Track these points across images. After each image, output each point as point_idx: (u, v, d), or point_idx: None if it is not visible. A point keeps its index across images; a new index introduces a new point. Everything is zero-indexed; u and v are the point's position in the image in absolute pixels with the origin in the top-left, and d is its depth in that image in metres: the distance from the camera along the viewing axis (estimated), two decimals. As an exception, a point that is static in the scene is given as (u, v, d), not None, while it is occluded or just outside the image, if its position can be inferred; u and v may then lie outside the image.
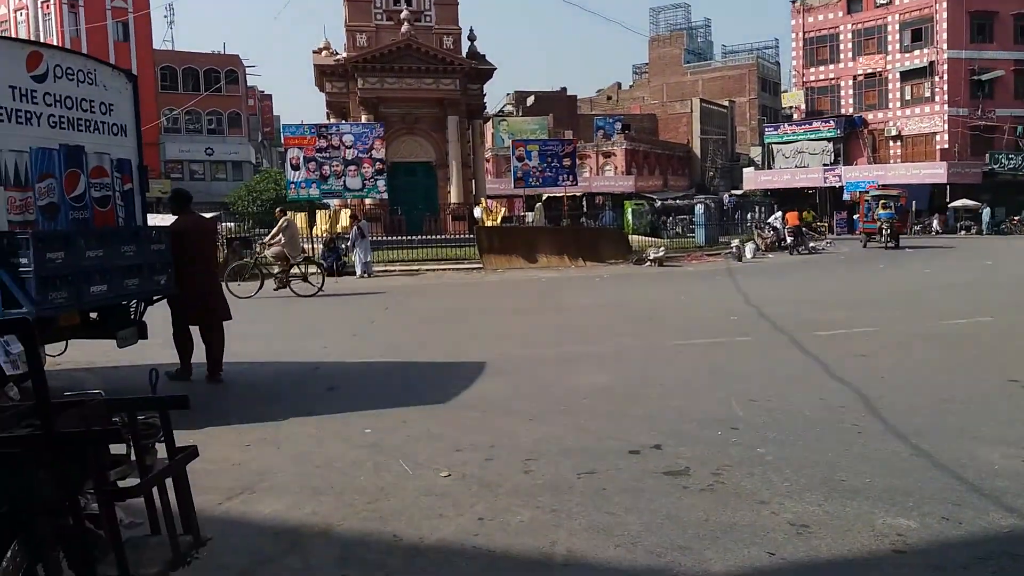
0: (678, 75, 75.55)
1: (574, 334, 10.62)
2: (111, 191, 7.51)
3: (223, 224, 25.18)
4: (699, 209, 30.00)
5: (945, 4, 41.48)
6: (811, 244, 28.39)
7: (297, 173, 22.41)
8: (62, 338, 7.64)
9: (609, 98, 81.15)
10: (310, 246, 23.17)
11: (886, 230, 27.64)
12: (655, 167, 56.94)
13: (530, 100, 64.85)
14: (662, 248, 24.05)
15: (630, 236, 27.97)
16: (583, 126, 61.19)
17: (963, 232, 38.83)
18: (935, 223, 32.25)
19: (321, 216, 28.34)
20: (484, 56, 33.93)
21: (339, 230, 25.76)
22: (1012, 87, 42.33)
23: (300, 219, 28.03)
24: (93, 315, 7.37)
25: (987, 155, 41.20)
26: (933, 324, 10.56)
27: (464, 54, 32.68)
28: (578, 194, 46.94)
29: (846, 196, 42.37)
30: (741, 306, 13.00)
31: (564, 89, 69.40)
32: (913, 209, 39.93)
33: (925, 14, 42.77)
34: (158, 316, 7.90)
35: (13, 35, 47.17)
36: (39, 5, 46.26)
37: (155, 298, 7.70)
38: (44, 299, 5.94)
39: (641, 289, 16.85)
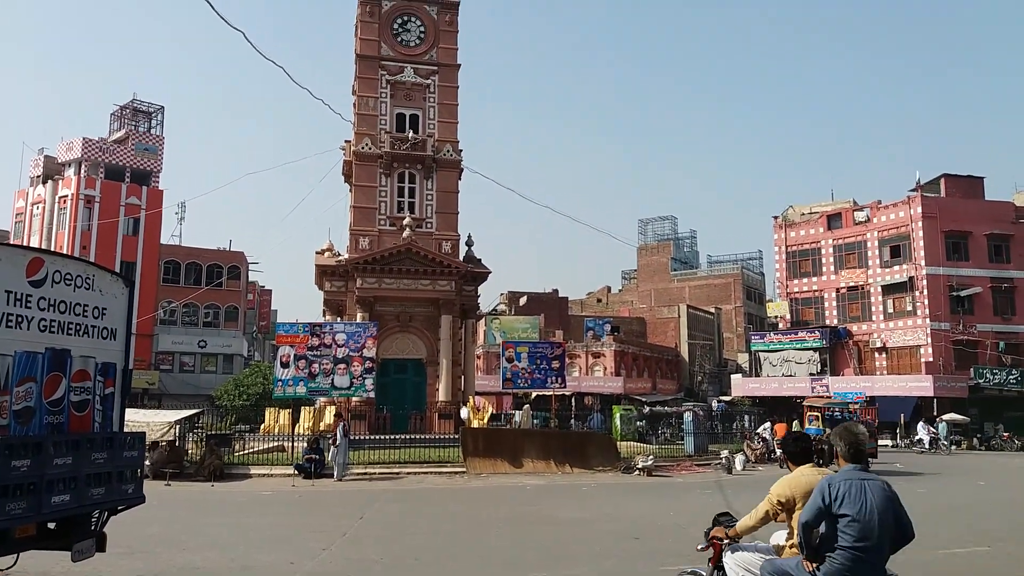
0: (666, 282, 78.21)
1: (554, 554, 10.14)
2: (91, 395, 7.45)
3: (204, 419, 24.88)
4: (688, 416, 29.82)
5: (921, 224, 43.83)
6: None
7: (286, 371, 22.46)
8: (14, 550, 7.26)
9: (599, 300, 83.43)
10: (292, 444, 22.79)
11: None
12: (644, 369, 57.35)
13: (522, 300, 66.57)
14: (651, 456, 23.61)
15: (618, 442, 27.59)
16: (573, 327, 62.36)
17: (953, 447, 38.42)
18: (925, 437, 31.65)
19: (305, 413, 28.06)
20: (480, 260, 35.22)
21: (322, 428, 25.39)
22: (990, 303, 43.72)
23: (284, 416, 27.86)
24: (51, 525, 7.05)
25: (972, 369, 41.74)
26: (926, 555, 10.15)
27: (461, 258, 33.94)
28: (567, 393, 46.88)
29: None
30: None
31: (556, 291, 71.56)
32: (901, 422, 39.82)
33: (902, 232, 45.07)
34: (121, 523, 7.56)
35: (28, 226, 49.14)
36: (56, 200, 48.57)
37: (119, 508, 7.40)
38: (0, 511, 5.71)
39: (629, 502, 16.35)
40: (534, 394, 43.09)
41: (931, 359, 42.16)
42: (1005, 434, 37.25)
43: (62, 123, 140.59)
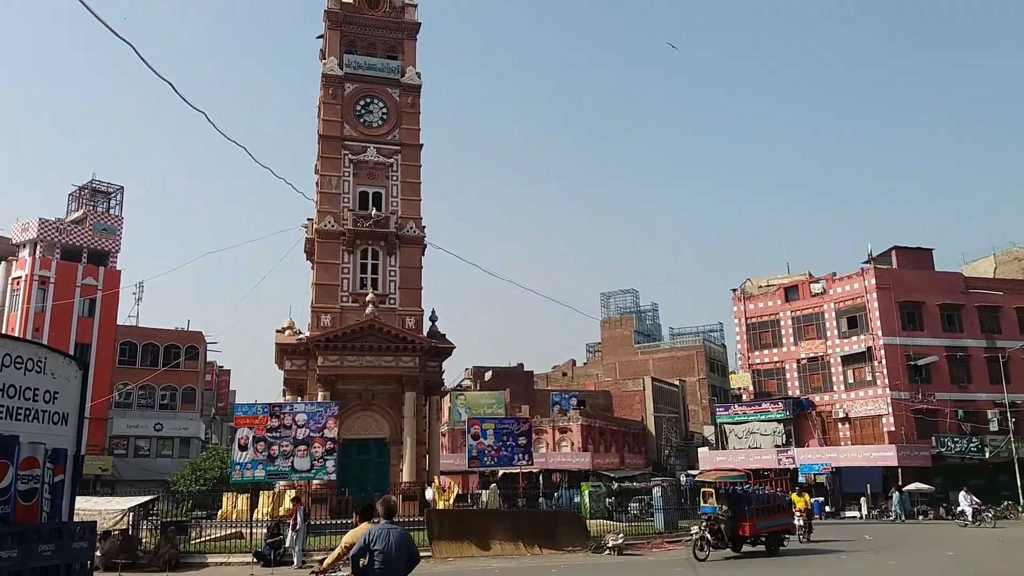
0: (630, 354, 78.53)
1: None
2: (40, 483, 7.14)
3: (160, 505, 23.92)
4: (657, 492, 29.51)
5: (875, 295, 44.85)
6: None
7: (244, 454, 21.77)
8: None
9: (564, 374, 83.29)
10: (250, 531, 21.95)
11: (702, 533, 19.95)
12: (611, 444, 56.93)
13: (487, 375, 66.23)
14: (621, 535, 23.17)
15: (588, 520, 27.10)
16: (539, 401, 61.96)
17: (920, 517, 38.44)
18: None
19: (264, 498, 27.15)
20: (444, 335, 35.02)
21: (282, 513, 24.55)
22: (947, 372, 44.48)
23: (242, 501, 26.90)
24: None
25: (933, 438, 42.15)
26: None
27: (425, 333, 33.72)
28: (534, 471, 46.16)
29: (801, 478, 42.31)
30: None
31: (521, 365, 71.28)
32: (868, 492, 39.83)
33: (858, 303, 46.02)
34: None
35: (-23, 308, 47.82)
36: (9, 282, 47.48)
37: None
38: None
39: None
40: (501, 472, 42.40)
41: (893, 428, 42.55)
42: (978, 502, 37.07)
43: (19, 204, 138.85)
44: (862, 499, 38.49)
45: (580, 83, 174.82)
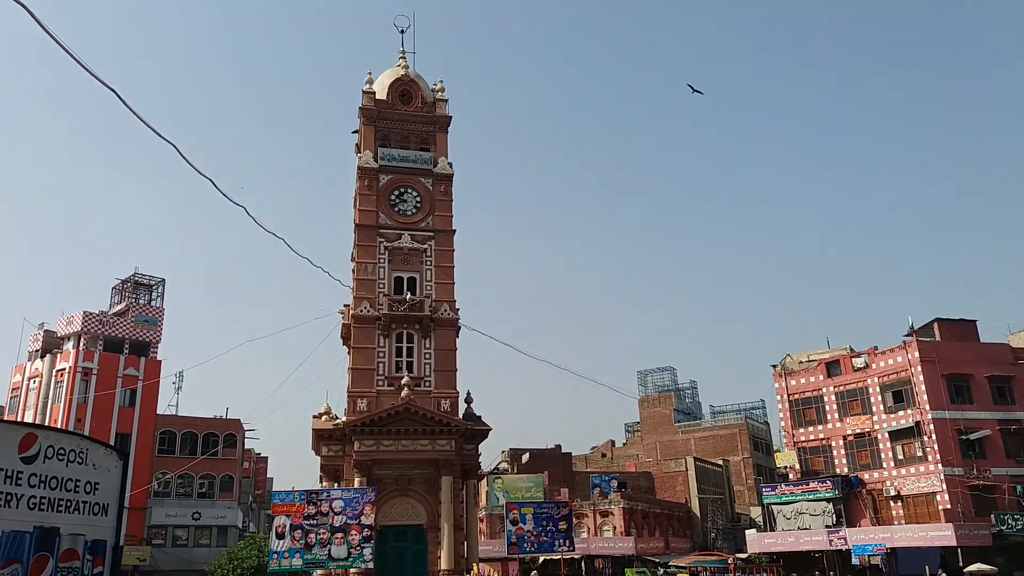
0: (670, 434, 77.05)
1: None
2: (79, 575, 7.15)
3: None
4: (703, 576, 28.46)
5: (920, 368, 43.70)
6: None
7: (282, 542, 21.63)
8: None
9: (604, 455, 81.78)
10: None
11: None
12: (655, 527, 55.28)
13: (525, 457, 65.23)
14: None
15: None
16: (579, 483, 60.70)
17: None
18: None
19: (302, 587, 26.71)
20: (480, 417, 34.81)
21: (321, 603, 24.15)
22: (1001, 446, 42.83)
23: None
24: None
25: (992, 515, 40.27)
26: None
27: (461, 415, 33.57)
28: (576, 556, 44.87)
29: (855, 560, 40.53)
30: None
31: (559, 446, 70.17)
32: (927, 574, 37.95)
33: (903, 377, 44.87)
34: None
35: (23, 400, 48.84)
36: (54, 374, 48.57)
37: None
38: None
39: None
40: (541, 558, 41.33)
41: (949, 506, 40.78)
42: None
43: (63, 298, 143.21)
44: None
45: (610, 162, 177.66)
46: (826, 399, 48.37)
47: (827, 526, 44.54)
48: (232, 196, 12.88)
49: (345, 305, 36.55)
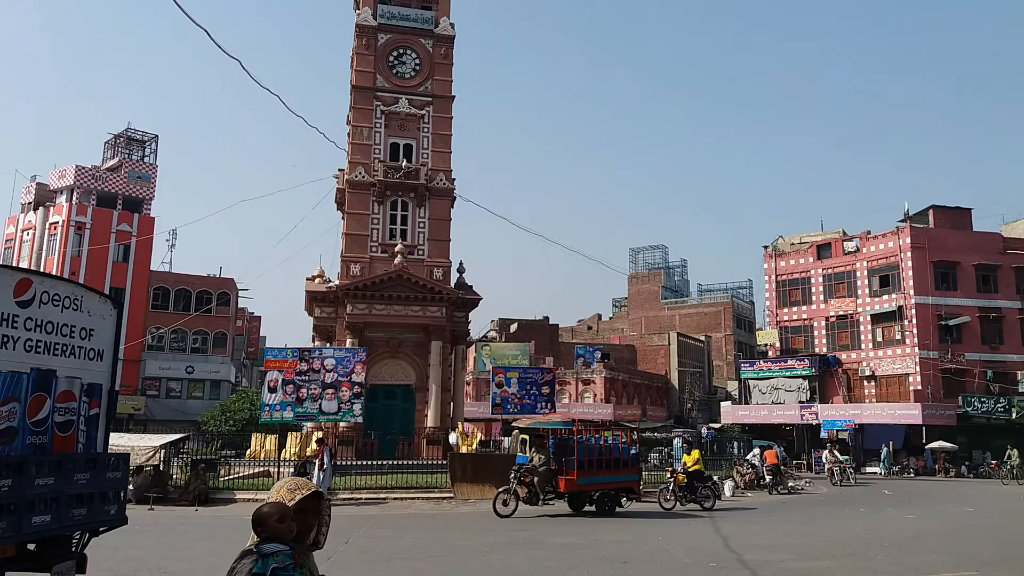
0: (656, 310, 78.44)
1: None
2: (76, 415, 7.44)
3: (190, 444, 24.75)
4: (677, 443, 29.82)
5: (910, 254, 44.20)
6: (790, 484, 27.92)
7: (273, 396, 22.38)
8: (-8, 571, 7.20)
9: (590, 328, 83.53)
10: (278, 470, 22.68)
11: (512, 486, 17.53)
12: (634, 396, 57.31)
13: (513, 327, 66.59)
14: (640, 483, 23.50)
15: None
16: (564, 354, 62.36)
17: (941, 474, 38.48)
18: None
19: (292, 439, 27.94)
20: (471, 287, 35.29)
21: (309, 453, 25.31)
22: (978, 332, 43.98)
23: (270, 442, 27.72)
24: (31, 546, 7.01)
25: (960, 398, 41.88)
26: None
27: (453, 284, 34.01)
28: (596, 421, 46.69)
29: (823, 434, 42.43)
30: (721, 550, 12.61)
31: (547, 318, 71.54)
32: (891, 448, 39.87)
33: (891, 262, 45.44)
34: (103, 546, 7.52)
35: (17, 252, 49.03)
36: (47, 227, 48.52)
37: (101, 529, 7.37)
38: (-20, 531, 5.70)
39: (616, 528, 16.29)
40: (526, 421, 42.84)
41: (920, 387, 42.31)
42: (992, 462, 37.25)
43: (56, 152, 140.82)
44: (883, 453, 38.61)
45: (615, 35, 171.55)
46: (813, 281, 49.09)
47: (800, 402, 46.32)
48: (223, 45, 12.44)
49: (340, 170, 36.19)
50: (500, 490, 17.56)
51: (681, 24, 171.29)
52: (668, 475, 21.37)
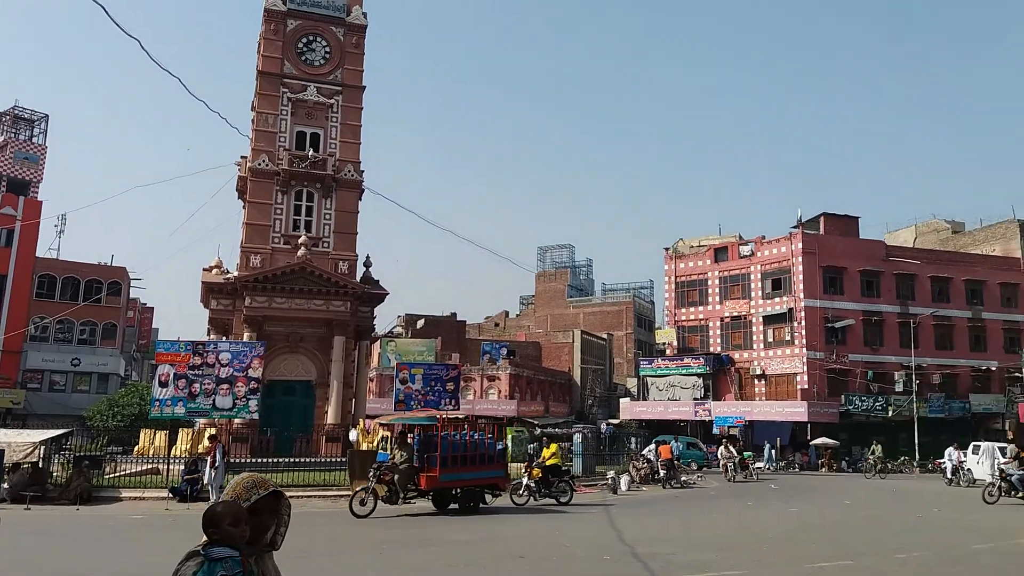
0: (562, 308, 79.54)
1: None
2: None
3: (74, 440, 23.53)
4: (577, 438, 30.35)
5: (801, 259, 46.41)
6: (683, 478, 28.87)
7: (164, 390, 21.51)
8: None
9: (496, 325, 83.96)
10: (167, 467, 21.86)
11: (371, 484, 16.82)
12: (537, 393, 57.95)
13: (420, 323, 66.21)
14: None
15: (509, 464, 27.69)
16: (471, 350, 62.42)
17: (824, 469, 40.57)
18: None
19: (183, 435, 26.94)
20: (378, 281, 34.81)
21: (201, 450, 24.48)
22: (861, 335, 46.62)
23: (160, 438, 26.65)
24: None
25: (843, 396, 44.29)
26: (797, 569, 10.74)
27: (359, 279, 33.46)
28: (460, 416, 46.66)
29: (716, 430, 44.08)
30: (615, 544, 12.90)
31: (454, 314, 71.44)
32: (778, 445, 41.77)
33: (783, 266, 47.59)
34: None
35: None
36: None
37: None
38: None
39: (515, 523, 16.45)
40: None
41: (806, 386, 44.48)
42: (870, 457, 39.46)
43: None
44: (766, 450, 40.39)
45: (526, 38, 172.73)
46: (710, 283, 50.89)
47: (695, 399, 47.99)
48: (121, 23, 11.83)
49: (243, 157, 35.06)
50: (358, 489, 16.82)
51: (592, 25, 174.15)
52: (523, 469, 21.11)
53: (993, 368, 47.66)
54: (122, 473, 23.04)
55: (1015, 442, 31.22)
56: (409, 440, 18.13)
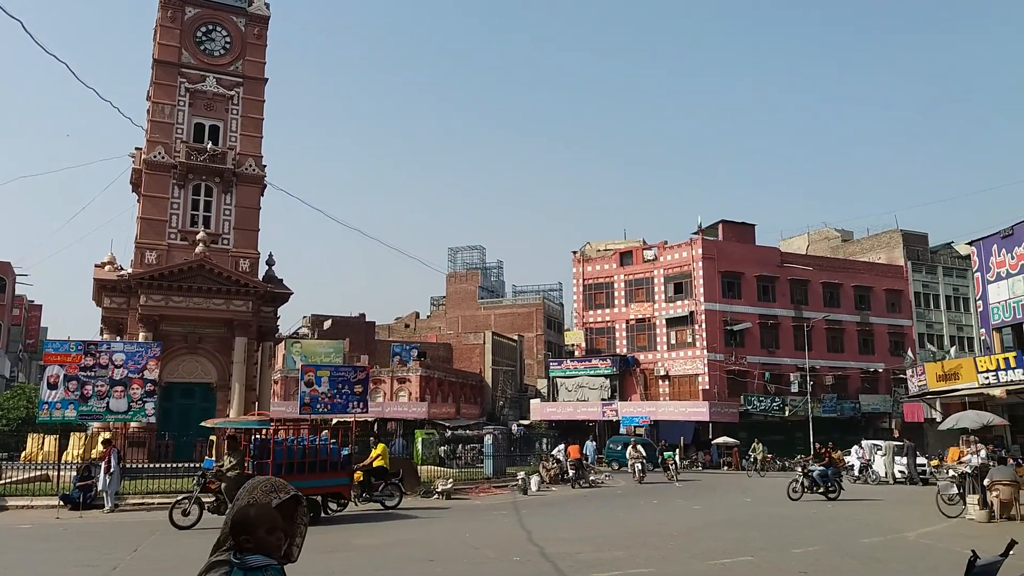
0: (473, 309, 79.54)
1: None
2: None
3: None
4: (488, 440, 30.41)
5: (701, 264, 47.95)
6: (591, 478, 29.31)
7: (54, 393, 20.32)
8: None
9: (407, 326, 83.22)
10: (58, 473, 20.69)
11: (195, 494, 15.47)
12: (448, 395, 57.75)
13: (327, 324, 64.96)
14: (450, 480, 23.78)
15: (419, 466, 27.51)
16: (381, 352, 61.66)
17: (725, 467, 41.97)
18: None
19: (75, 439, 25.54)
20: (282, 280, 33.99)
21: (94, 455, 23.26)
22: (759, 337, 48.56)
23: (50, 443, 25.18)
24: None
25: (742, 396, 45.99)
26: (701, 565, 11.04)
27: (261, 277, 32.51)
28: (370, 419, 46.04)
29: (623, 430, 44.98)
30: (525, 544, 12.94)
31: (363, 315, 70.43)
32: (681, 444, 42.98)
33: (685, 271, 49.06)
34: None
35: None
36: None
37: None
38: None
39: (426, 525, 16.30)
40: (335, 420, 42.00)
41: (708, 387, 45.98)
42: (769, 455, 40.91)
43: None
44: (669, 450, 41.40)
45: (435, 39, 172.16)
46: (616, 286, 51.95)
47: (603, 399, 48.87)
48: (6, 7, 11.06)
49: (137, 149, 33.56)
50: (180, 497, 15.56)
51: (504, 34, 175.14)
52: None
53: (880, 370, 50.51)
54: (8, 480, 21.62)
55: (903, 439, 33.22)
56: (240, 445, 16.88)
